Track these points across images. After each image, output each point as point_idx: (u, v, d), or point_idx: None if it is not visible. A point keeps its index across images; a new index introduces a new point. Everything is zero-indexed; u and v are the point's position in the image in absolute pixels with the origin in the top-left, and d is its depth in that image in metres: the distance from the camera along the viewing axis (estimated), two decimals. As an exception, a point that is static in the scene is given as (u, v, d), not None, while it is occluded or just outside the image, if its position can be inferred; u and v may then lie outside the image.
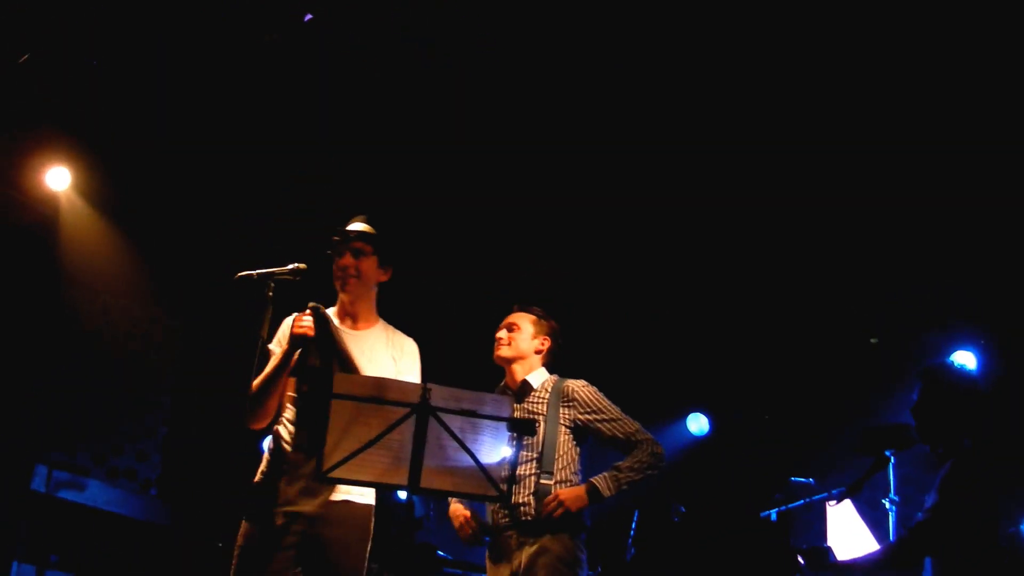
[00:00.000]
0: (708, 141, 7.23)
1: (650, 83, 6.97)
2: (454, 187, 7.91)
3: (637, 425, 4.56)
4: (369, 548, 4.07)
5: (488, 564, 4.51)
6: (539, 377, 4.69)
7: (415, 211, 7.55)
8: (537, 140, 7.44)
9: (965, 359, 7.84)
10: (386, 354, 4.27)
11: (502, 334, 4.74)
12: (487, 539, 4.52)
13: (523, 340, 4.70)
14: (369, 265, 4.28)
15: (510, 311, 4.84)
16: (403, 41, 6.76)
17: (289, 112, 7.39)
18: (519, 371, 4.69)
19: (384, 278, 4.38)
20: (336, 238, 4.27)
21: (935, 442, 4.48)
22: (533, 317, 4.78)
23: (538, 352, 4.72)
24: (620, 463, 4.45)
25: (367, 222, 4.36)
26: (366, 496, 4.07)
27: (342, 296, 4.30)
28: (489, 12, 6.53)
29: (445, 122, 7.41)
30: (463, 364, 5.77)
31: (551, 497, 4.33)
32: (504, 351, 4.70)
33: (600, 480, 4.38)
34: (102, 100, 7.21)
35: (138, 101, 7.28)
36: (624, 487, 4.39)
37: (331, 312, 4.24)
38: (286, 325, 4.21)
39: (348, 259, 4.23)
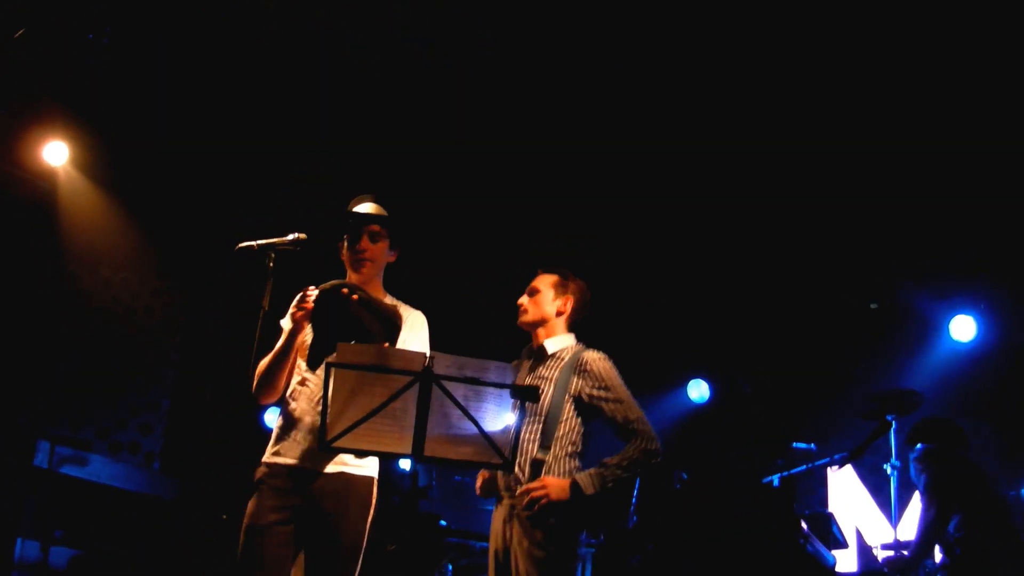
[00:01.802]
0: (708, 122, 7.32)
1: (649, 82, 7.04)
2: (453, 186, 7.99)
3: (640, 414, 4.36)
4: (370, 521, 3.97)
5: (492, 522, 4.42)
6: (559, 343, 4.56)
7: (413, 210, 7.61)
8: (535, 139, 7.51)
9: (965, 324, 7.87)
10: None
11: (523, 299, 4.65)
12: (497, 497, 4.42)
13: (543, 303, 4.60)
14: (382, 249, 4.25)
15: (535, 275, 4.72)
16: (403, 41, 6.77)
17: (291, 99, 7.41)
18: (542, 335, 4.60)
19: (392, 259, 4.35)
20: (351, 220, 4.21)
21: None
22: (554, 278, 4.66)
23: (560, 314, 4.60)
24: (608, 459, 4.29)
25: (376, 201, 4.30)
26: (365, 468, 3.99)
27: (353, 276, 4.24)
28: (489, 12, 6.54)
29: (445, 122, 7.45)
30: (484, 333, 5.77)
31: (537, 483, 4.20)
32: (524, 317, 4.63)
33: (584, 477, 4.22)
34: (98, 74, 7.18)
35: (134, 74, 7.26)
36: (610, 484, 4.23)
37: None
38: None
39: (365, 243, 4.19)
